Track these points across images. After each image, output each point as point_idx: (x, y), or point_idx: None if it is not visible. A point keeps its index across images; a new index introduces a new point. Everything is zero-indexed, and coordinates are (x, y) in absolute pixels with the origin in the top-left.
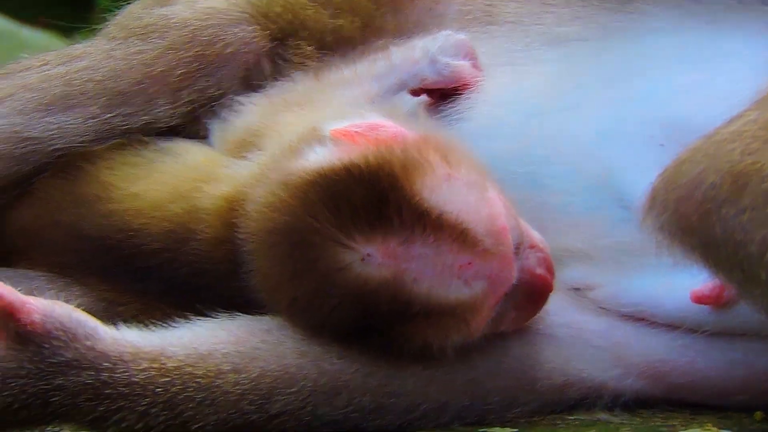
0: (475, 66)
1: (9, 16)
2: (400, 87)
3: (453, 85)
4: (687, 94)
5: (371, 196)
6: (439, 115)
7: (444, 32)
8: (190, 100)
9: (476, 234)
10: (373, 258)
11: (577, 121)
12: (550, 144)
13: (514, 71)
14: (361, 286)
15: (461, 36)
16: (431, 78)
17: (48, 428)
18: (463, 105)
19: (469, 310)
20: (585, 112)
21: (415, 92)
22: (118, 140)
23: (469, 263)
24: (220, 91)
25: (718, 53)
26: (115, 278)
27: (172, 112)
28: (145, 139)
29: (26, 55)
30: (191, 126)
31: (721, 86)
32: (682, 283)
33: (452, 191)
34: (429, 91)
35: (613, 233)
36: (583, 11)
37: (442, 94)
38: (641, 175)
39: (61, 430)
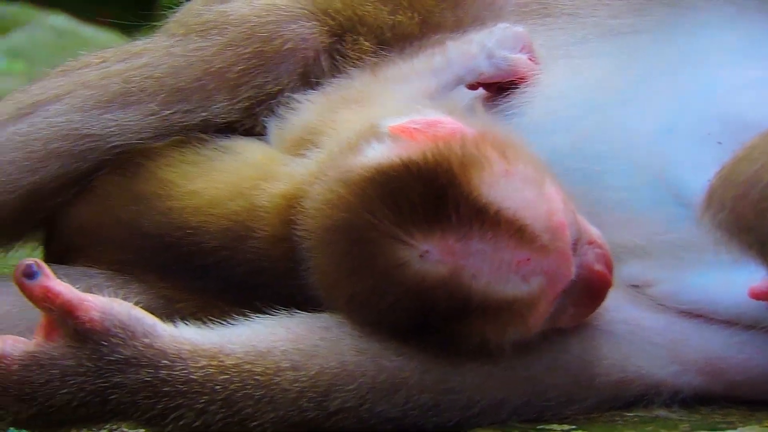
0: (533, 59)
1: (70, 14)
2: (457, 82)
3: (510, 79)
4: (745, 90)
5: (429, 193)
6: (495, 109)
7: (501, 25)
8: (248, 96)
9: (534, 230)
10: (431, 254)
11: (635, 117)
12: (607, 139)
13: (570, 64)
14: (419, 282)
15: (518, 28)
16: (488, 72)
17: (106, 426)
18: (519, 99)
19: (527, 306)
20: (642, 107)
21: (472, 86)
22: (177, 137)
23: (527, 259)
24: (278, 88)
25: None
26: (174, 276)
27: (230, 108)
28: (204, 136)
29: (86, 53)
30: (249, 123)
31: None
32: (740, 279)
33: (510, 187)
34: (486, 85)
35: (672, 229)
36: (639, 4)
37: (499, 88)
38: (699, 172)
39: (118, 428)
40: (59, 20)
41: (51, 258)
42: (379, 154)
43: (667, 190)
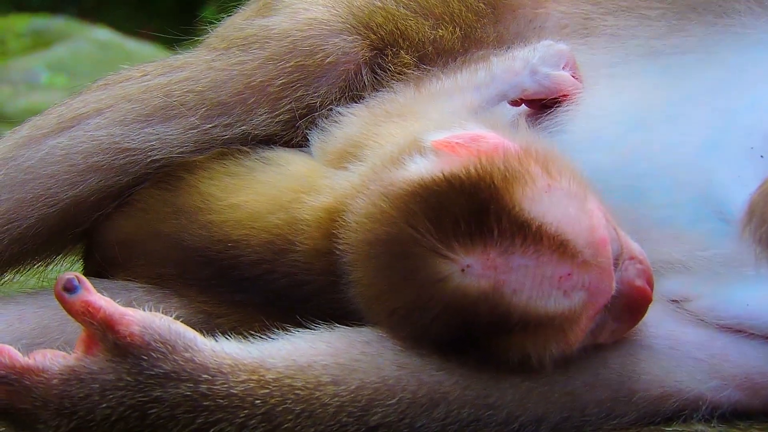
0: (576, 76)
1: (113, 28)
2: (500, 98)
3: (553, 96)
4: None
5: (472, 207)
6: (538, 126)
7: (544, 42)
8: (289, 109)
9: (576, 245)
10: (472, 269)
11: (677, 134)
12: (650, 157)
13: (612, 83)
14: (460, 297)
15: (562, 46)
16: (532, 89)
17: None
18: (562, 117)
19: (568, 321)
20: (684, 125)
21: (515, 102)
22: (218, 150)
23: (569, 274)
24: (320, 101)
25: None
26: (215, 290)
27: (271, 121)
28: (246, 148)
29: (127, 66)
30: (289, 135)
31: None
32: None
33: (552, 202)
34: (529, 102)
35: (713, 245)
36: (679, 24)
37: (542, 105)
38: (742, 187)
39: None
40: (102, 33)
41: (90, 272)
42: (421, 168)
43: (708, 206)
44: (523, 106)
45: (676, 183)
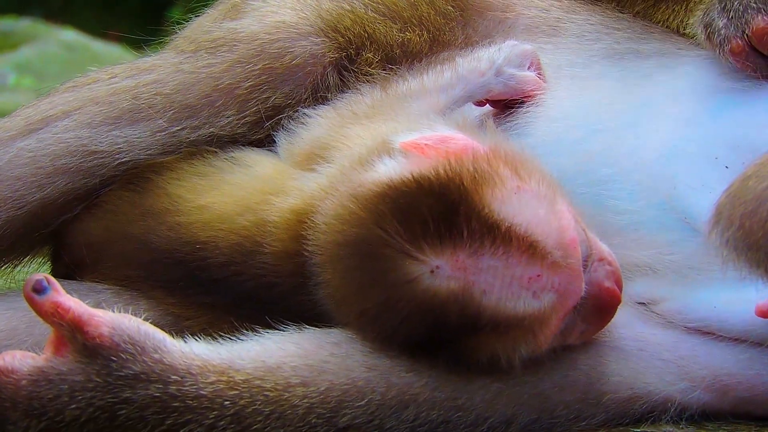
0: (541, 76)
1: (80, 30)
2: (466, 99)
3: (518, 96)
4: (754, 115)
5: (441, 209)
6: (502, 127)
7: (509, 42)
8: (256, 110)
9: (546, 246)
10: (442, 270)
11: (639, 140)
12: (612, 162)
13: (575, 85)
14: (430, 298)
15: (527, 46)
16: (497, 89)
17: None
18: (524, 120)
19: (538, 322)
20: (646, 131)
21: (480, 103)
22: (187, 150)
23: (539, 275)
24: (287, 103)
25: None
26: (183, 291)
27: (237, 123)
28: (214, 149)
29: (95, 68)
30: (257, 136)
31: None
32: (748, 297)
33: (522, 204)
34: (493, 102)
35: (679, 249)
36: (642, 30)
37: (506, 105)
38: (707, 195)
39: None
40: (69, 35)
41: (58, 273)
42: (390, 169)
43: (673, 212)
44: (488, 106)
45: (640, 189)
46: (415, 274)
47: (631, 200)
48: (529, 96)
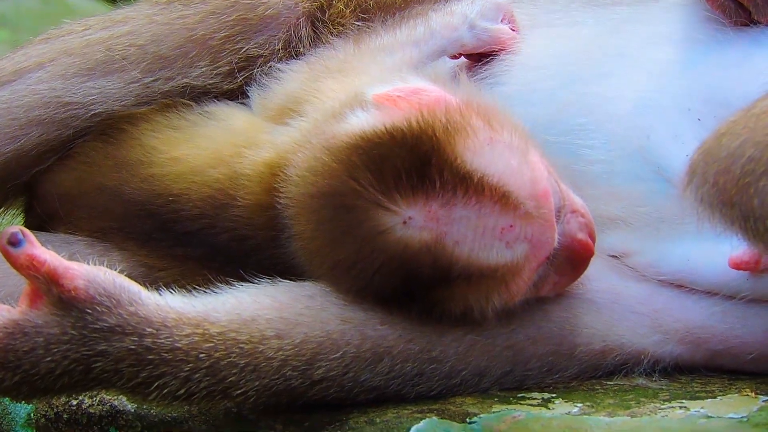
0: (514, 29)
1: None
2: (440, 53)
3: (491, 49)
4: (725, 68)
5: (413, 159)
6: (476, 78)
7: None
8: (229, 61)
9: (518, 197)
10: (414, 221)
11: (612, 90)
12: (586, 112)
13: (550, 33)
14: (402, 249)
15: None
16: (470, 44)
17: (86, 394)
18: (499, 68)
19: (510, 272)
20: (621, 81)
21: (454, 57)
22: (162, 102)
23: (511, 226)
24: (261, 53)
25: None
26: (155, 243)
27: (211, 73)
28: (189, 101)
29: (69, 20)
30: (230, 86)
31: (759, 62)
32: (721, 249)
33: (494, 154)
34: (468, 55)
35: (652, 201)
36: None
37: (481, 57)
38: (680, 147)
39: (98, 395)
40: None
41: (31, 225)
42: (363, 121)
43: (647, 164)
44: (463, 59)
45: (613, 140)
46: (387, 224)
47: (605, 150)
48: (503, 49)
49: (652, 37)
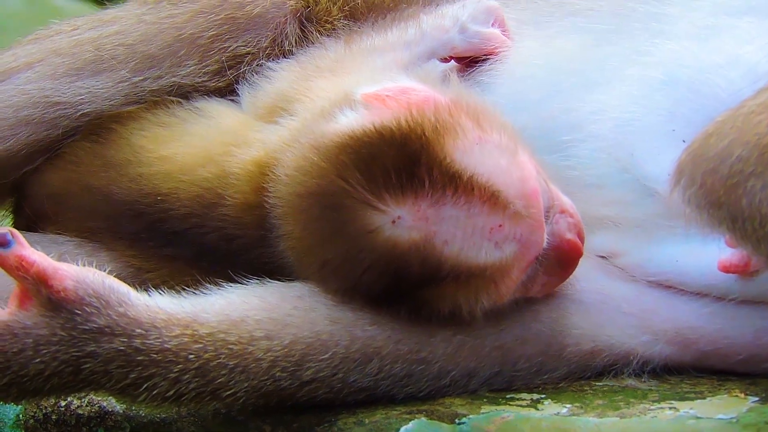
0: (505, 33)
1: None
2: (430, 55)
3: (482, 53)
4: (712, 73)
5: (402, 159)
6: (465, 82)
7: None
8: (218, 59)
9: (507, 197)
10: (403, 220)
11: (598, 104)
12: (572, 125)
13: (538, 42)
14: (391, 248)
15: (491, 2)
16: (461, 47)
17: (75, 395)
18: (488, 75)
19: (499, 272)
20: (605, 96)
21: (445, 60)
22: (150, 100)
23: (500, 226)
24: (249, 50)
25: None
26: (144, 243)
27: (200, 72)
28: (178, 99)
29: (56, 21)
30: (219, 85)
31: (745, 63)
32: (710, 251)
33: (483, 154)
34: (458, 58)
35: (641, 202)
36: None
37: (471, 61)
38: (663, 165)
39: (86, 396)
40: None
41: (20, 226)
42: (352, 120)
43: (635, 169)
44: (453, 62)
45: (599, 152)
46: (376, 224)
47: (591, 162)
48: (494, 53)
49: (638, 45)
